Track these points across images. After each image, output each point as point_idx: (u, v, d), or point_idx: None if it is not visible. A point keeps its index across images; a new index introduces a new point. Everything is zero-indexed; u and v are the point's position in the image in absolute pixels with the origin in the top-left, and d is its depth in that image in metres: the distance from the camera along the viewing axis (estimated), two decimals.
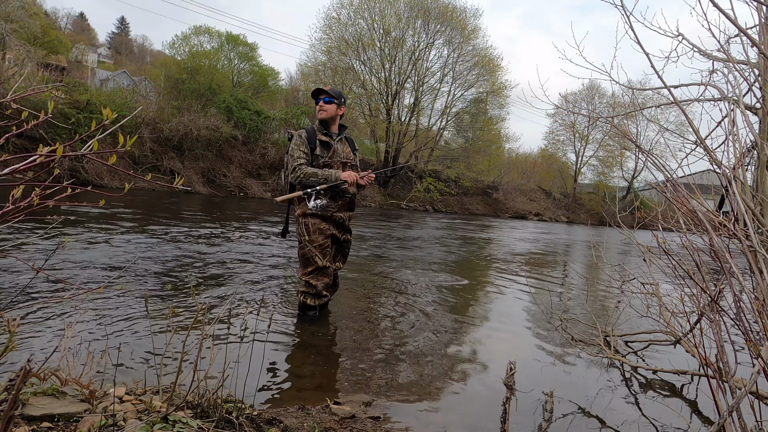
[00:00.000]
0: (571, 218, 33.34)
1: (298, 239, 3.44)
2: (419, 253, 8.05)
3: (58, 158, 1.14)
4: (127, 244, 5.74)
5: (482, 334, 3.73)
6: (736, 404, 1.44)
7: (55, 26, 34.34)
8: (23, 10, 19.44)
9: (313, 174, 3.28)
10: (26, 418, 1.46)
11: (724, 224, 1.84)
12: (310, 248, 3.37)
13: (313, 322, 3.45)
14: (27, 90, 1.40)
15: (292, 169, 3.31)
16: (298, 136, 3.40)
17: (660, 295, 3.32)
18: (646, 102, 15.65)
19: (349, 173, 3.29)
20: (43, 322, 2.89)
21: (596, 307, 5.05)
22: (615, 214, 2.96)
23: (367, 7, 26.46)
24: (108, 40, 65.02)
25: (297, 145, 3.36)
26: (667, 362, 3.26)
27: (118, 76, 36.91)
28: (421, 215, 21.33)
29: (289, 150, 3.40)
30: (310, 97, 3.63)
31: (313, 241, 3.37)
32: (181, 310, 3.43)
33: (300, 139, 3.38)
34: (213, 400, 1.64)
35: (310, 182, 3.29)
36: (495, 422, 2.21)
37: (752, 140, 2.64)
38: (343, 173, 3.29)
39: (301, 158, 3.31)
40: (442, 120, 29.35)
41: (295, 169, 3.30)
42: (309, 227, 3.37)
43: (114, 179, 15.92)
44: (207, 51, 24.12)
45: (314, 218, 3.38)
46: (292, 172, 3.32)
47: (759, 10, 2.49)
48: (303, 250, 3.41)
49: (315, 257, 3.37)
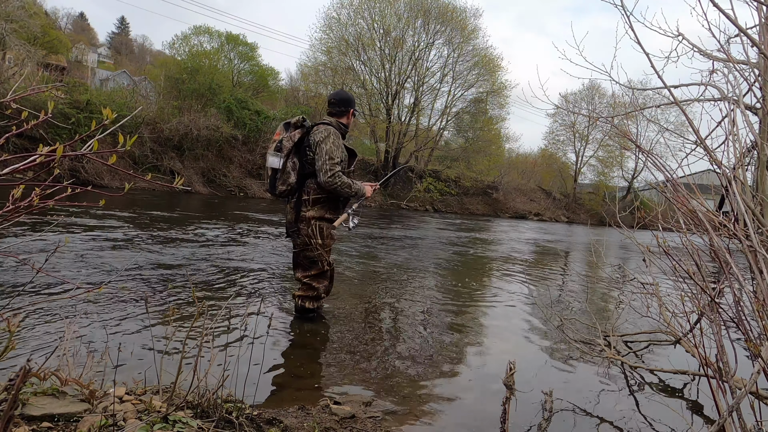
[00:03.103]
0: (571, 218, 33.33)
1: (305, 240, 3.26)
2: (419, 253, 8.05)
3: (58, 158, 1.14)
4: (127, 244, 5.74)
5: (482, 334, 3.73)
6: (736, 404, 1.44)
7: (55, 26, 34.35)
8: (23, 10, 19.44)
9: (347, 185, 3.13)
10: (26, 418, 1.46)
11: (724, 224, 1.84)
12: (321, 252, 3.28)
13: (313, 322, 3.45)
14: (27, 90, 1.40)
15: (331, 174, 3.09)
16: (336, 136, 3.17)
17: (660, 295, 3.32)
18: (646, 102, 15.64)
19: (371, 189, 3.22)
20: (43, 322, 2.89)
21: (596, 307, 5.05)
22: (615, 214, 2.96)
23: (367, 7, 26.45)
24: (108, 40, 65.02)
25: (336, 146, 3.14)
26: (667, 362, 3.26)
27: (118, 76, 36.92)
28: (421, 215, 21.32)
29: (325, 147, 3.11)
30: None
31: (325, 245, 3.29)
32: (181, 310, 3.43)
33: (338, 140, 3.18)
34: (213, 400, 1.64)
35: (341, 192, 3.15)
36: (495, 422, 2.21)
37: (752, 140, 2.64)
38: (367, 190, 3.19)
39: (339, 164, 3.14)
40: (442, 120, 29.35)
41: (334, 174, 3.09)
42: (324, 231, 3.26)
43: (114, 179, 15.91)
44: (207, 51, 24.13)
45: (329, 223, 3.29)
46: (328, 175, 3.09)
47: (759, 10, 2.49)
48: (312, 252, 3.27)
49: (323, 261, 3.32)
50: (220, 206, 13.74)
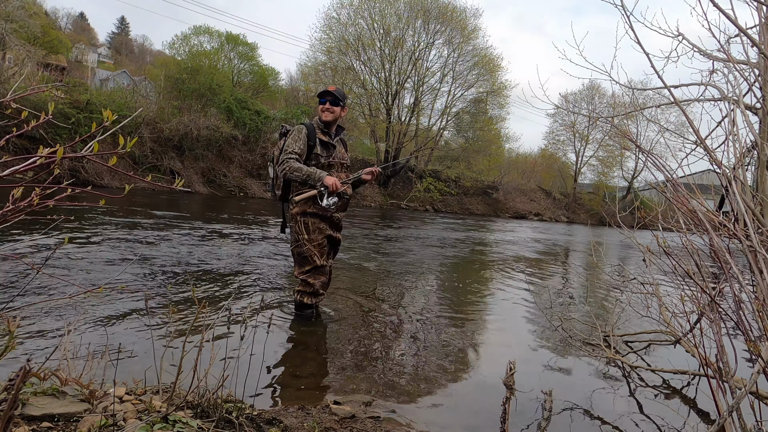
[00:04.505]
0: (571, 218, 33.33)
1: (294, 237, 3.38)
2: (419, 253, 8.05)
3: (58, 160, 1.14)
4: (127, 244, 5.74)
5: (482, 334, 3.73)
6: (736, 404, 1.44)
7: (55, 26, 34.35)
8: (23, 10, 19.44)
9: (297, 169, 3.19)
10: (26, 418, 1.46)
11: (724, 224, 1.84)
12: (309, 247, 3.34)
13: (313, 322, 3.45)
14: (27, 90, 1.40)
15: (280, 161, 3.23)
16: (297, 131, 3.33)
17: (660, 295, 3.32)
18: (646, 102, 15.63)
19: (334, 181, 3.19)
20: (43, 322, 2.89)
21: (596, 307, 5.05)
22: (615, 214, 2.96)
23: (367, 7, 26.45)
24: (108, 40, 65.01)
25: (294, 140, 3.27)
26: (667, 362, 3.26)
27: (118, 76, 36.90)
28: (422, 215, 21.33)
29: (285, 143, 3.31)
30: (314, 97, 3.61)
31: (312, 240, 3.34)
32: (181, 310, 3.43)
33: (299, 134, 3.30)
34: (213, 400, 1.64)
35: (292, 177, 3.22)
36: (495, 422, 2.21)
37: (752, 140, 2.64)
38: (327, 179, 3.18)
39: (294, 153, 3.23)
40: (442, 120, 29.36)
41: (282, 161, 3.22)
42: (309, 226, 3.33)
43: (114, 179, 15.91)
44: (207, 51, 24.13)
45: (314, 217, 3.34)
46: (279, 164, 3.25)
47: (759, 10, 2.49)
48: (300, 248, 3.35)
49: (313, 256, 3.35)
50: (220, 206, 13.74)
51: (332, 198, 3.22)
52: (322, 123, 3.42)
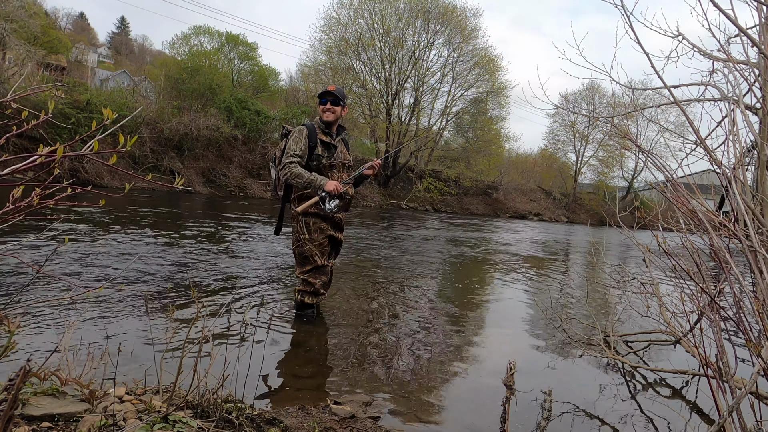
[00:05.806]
0: (571, 218, 33.32)
1: (296, 237, 3.39)
2: (419, 253, 8.05)
3: (58, 159, 1.14)
4: (127, 244, 5.74)
5: (482, 335, 3.73)
6: (736, 404, 1.44)
7: (55, 26, 34.29)
8: (23, 10, 19.42)
9: (298, 176, 3.19)
10: (26, 418, 1.46)
11: (724, 224, 1.84)
12: (310, 247, 3.35)
13: (313, 322, 3.45)
14: (27, 90, 1.40)
15: (282, 165, 3.24)
16: (298, 132, 3.31)
17: (660, 295, 3.32)
18: (646, 102, 15.63)
19: (335, 185, 3.18)
20: (43, 322, 2.89)
21: (596, 307, 5.05)
22: (615, 214, 2.96)
23: (367, 7, 26.44)
24: (108, 40, 64.95)
25: (295, 141, 3.26)
26: (667, 362, 3.26)
27: (118, 76, 36.87)
28: (422, 215, 21.32)
29: (286, 145, 3.29)
30: (314, 97, 3.60)
31: (313, 240, 3.35)
32: (181, 310, 3.43)
33: (300, 135, 3.29)
34: (213, 400, 1.64)
35: (293, 183, 3.24)
36: (494, 422, 2.21)
37: (752, 140, 2.64)
38: (328, 184, 3.16)
39: (296, 156, 3.23)
40: (442, 120, 29.34)
41: (285, 165, 3.22)
42: (310, 226, 3.34)
43: (114, 179, 15.91)
44: (207, 51, 24.13)
45: (315, 218, 3.34)
46: (281, 168, 3.25)
47: (759, 10, 2.49)
48: (302, 248, 3.36)
49: (314, 256, 3.36)
50: (220, 206, 13.74)
51: (334, 201, 3.23)
52: (323, 123, 3.41)
